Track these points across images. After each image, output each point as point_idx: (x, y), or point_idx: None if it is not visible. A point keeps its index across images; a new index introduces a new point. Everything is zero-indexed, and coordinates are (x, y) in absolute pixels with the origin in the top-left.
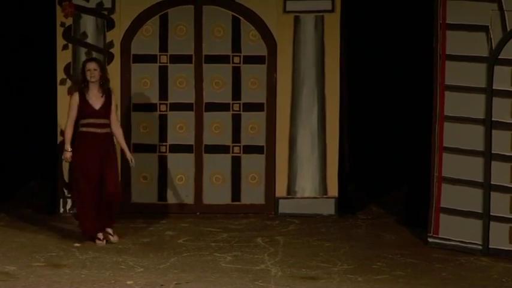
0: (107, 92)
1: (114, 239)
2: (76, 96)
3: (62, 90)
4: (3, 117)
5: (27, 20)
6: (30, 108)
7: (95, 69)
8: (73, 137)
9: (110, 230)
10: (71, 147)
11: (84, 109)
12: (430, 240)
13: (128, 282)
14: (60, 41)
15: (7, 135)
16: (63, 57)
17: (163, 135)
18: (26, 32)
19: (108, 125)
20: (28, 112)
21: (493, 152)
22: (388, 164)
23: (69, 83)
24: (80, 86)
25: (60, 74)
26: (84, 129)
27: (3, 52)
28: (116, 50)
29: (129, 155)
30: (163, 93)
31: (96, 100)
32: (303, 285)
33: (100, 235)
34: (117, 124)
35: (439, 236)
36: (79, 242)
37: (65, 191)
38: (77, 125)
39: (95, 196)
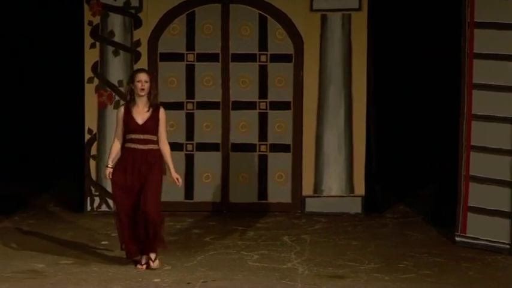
0: (154, 107)
1: (154, 265)
2: (121, 110)
3: (89, 89)
4: (32, 115)
5: (55, 18)
6: (58, 107)
7: (146, 81)
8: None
9: (152, 255)
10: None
11: (128, 124)
12: (457, 239)
13: (155, 280)
14: (88, 40)
15: (36, 133)
16: (91, 56)
17: (190, 133)
18: (54, 31)
19: (153, 142)
20: (56, 110)
21: None
22: (415, 163)
23: (96, 81)
24: (126, 97)
25: (88, 73)
26: (127, 144)
27: (30, 50)
28: (143, 49)
29: (174, 174)
30: (190, 91)
31: (140, 114)
32: (330, 283)
33: (141, 259)
34: (164, 141)
35: (467, 235)
36: (106, 240)
37: (92, 189)
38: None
39: (133, 215)
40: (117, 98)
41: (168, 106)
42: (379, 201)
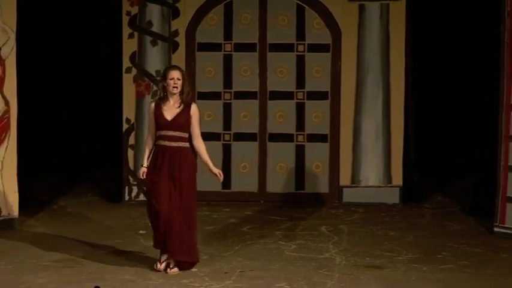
0: (185, 103)
1: (170, 271)
2: (152, 106)
3: (127, 79)
4: (70, 106)
5: (94, 9)
6: (96, 97)
7: (178, 79)
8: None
9: (171, 263)
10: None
11: (158, 120)
12: (496, 229)
13: (193, 270)
14: (126, 30)
15: (74, 123)
16: (129, 46)
17: (227, 123)
18: (93, 21)
19: (183, 139)
20: (95, 100)
21: None
22: (454, 153)
23: (134, 71)
24: (159, 94)
25: (126, 63)
26: (157, 142)
27: (68, 41)
28: (181, 39)
29: (215, 170)
30: (227, 81)
31: (170, 111)
32: (368, 274)
33: (159, 263)
34: (197, 138)
35: (505, 226)
36: (144, 229)
37: (130, 179)
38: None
39: (161, 215)
40: (155, 87)
41: (206, 96)
42: (417, 191)
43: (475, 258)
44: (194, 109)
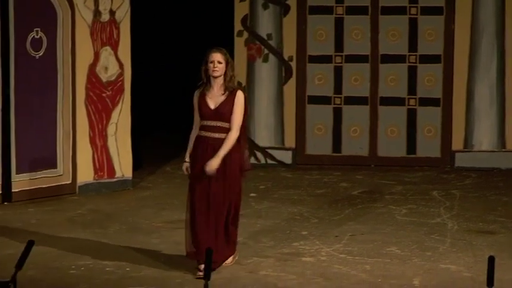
0: (230, 91)
1: (199, 273)
2: (196, 95)
3: (238, 42)
4: (185, 69)
5: None
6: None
7: (219, 62)
8: None
9: (200, 267)
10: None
11: (201, 109)
12: None
13: (303, 233)
14: None
15: (189, 86)
16: (241, 9)
17: (338, 87)
18: None
19: (228, 130)
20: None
21: None
22: None
23: (245, 34)
24: (202, 80)
25: (238, 26)
26: (199, 132)
27: (180, 5)
28: (292, 2)
29: (211, 164)
30: (338, 45)
31: (214, 98)
32: (480, 239)
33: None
34: (234, 127)
35: None
36: (255, 192)
37: None
38: None
39: (199, 214)
40: (266, 51)
41: (317, 59)
42: None
43: None
44: (239, 97)
